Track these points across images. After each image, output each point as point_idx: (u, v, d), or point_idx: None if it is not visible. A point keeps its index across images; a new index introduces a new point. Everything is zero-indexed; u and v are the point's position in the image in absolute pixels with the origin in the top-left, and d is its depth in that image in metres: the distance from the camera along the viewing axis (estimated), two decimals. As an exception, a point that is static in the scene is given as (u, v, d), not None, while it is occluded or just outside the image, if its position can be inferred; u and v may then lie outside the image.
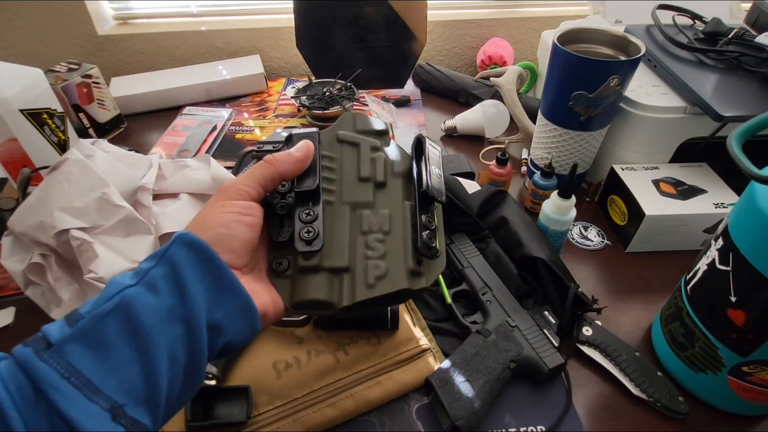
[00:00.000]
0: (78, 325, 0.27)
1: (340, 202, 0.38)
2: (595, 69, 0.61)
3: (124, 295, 0.28)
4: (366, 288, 0.36)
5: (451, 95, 1.02)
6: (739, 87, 0.67)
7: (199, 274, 0.30)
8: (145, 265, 0.30)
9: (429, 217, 0.39)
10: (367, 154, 0.40)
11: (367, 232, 0.38)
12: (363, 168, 0.40)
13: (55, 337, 0.27)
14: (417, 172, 0.41)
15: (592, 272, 0.66)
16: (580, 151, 0.70)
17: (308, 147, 0.37)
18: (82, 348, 0.26)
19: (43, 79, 0.75)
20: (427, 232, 0.38)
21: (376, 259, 0.37)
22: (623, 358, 0.52)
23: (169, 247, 0.30)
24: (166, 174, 0.64)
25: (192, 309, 0.29)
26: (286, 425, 0.47)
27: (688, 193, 0.66)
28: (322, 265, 0.36)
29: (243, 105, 1.02)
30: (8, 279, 0.62)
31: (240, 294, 0.32)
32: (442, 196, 0.39)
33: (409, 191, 0.40)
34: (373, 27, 0.96)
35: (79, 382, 0.26)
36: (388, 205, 0.39)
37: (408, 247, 0.38)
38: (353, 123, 0.42)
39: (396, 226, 0.38)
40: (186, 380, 0.30)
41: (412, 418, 0.50)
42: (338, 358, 0.51)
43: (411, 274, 0.37)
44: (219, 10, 1.11)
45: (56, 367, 0.26)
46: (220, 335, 0.31)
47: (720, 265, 0.44)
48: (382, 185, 0.40)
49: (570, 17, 1.04)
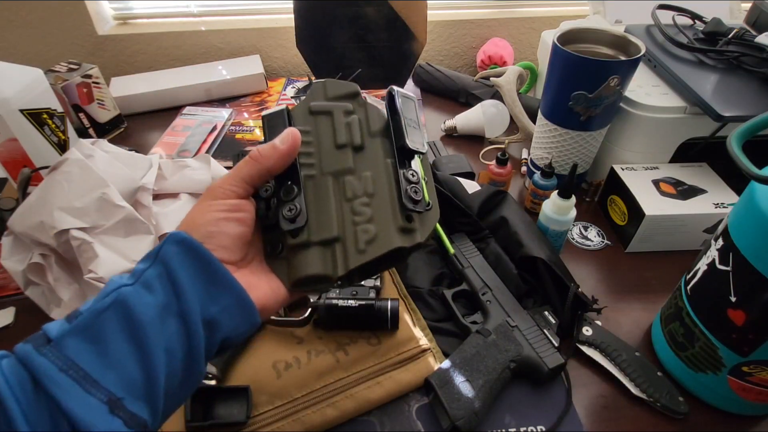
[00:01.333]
0: (76, 321, 0.28)
1: (321, 173, 0.38)
2: (595, 69, 0.61)
3: (120, 292, 0.29)
4: (358, 254, 0.35)
5: (451, 95, 1.02)
6: (739, 87, 0.67)
7: (191, 271, 0.30)
8: (141, 266, 0.31)
9: (412, 172, 0.38)
10: (341, 119, 0.39)
11: (352, 198, 0.37)
12: (339, 135, 0.39)
13: (54, 333, 0.27)
14: (393, 126, 0.39)
15: (592, 272, 0.66)
16: (580, 151, 0.70)
17: (294, 137, 0.35)
18: (81, 342, 0.27)
19: (43, 79, 0.75)
20: (411, 186, 0.37)
21: (365, 224, 0.36)
22: (623, 358, 0.52)
23: (161, 246, 0.31)
24: (166, 174, 0.64)
25: (186, 305, 0.30)
26: (286, 425, 0.47)
27: (688, 193, 0.66)
28: (311, 239, 0.36)
29: (243, 105, 1.02)
30: (8, 279, 0.62)
31: (234, 288, 0.32)
32: (422, 147, 0.38)
33: (389, 148, 0.39)
34: (373, 27, 0.96)
35: (77, 375, 0.26)
36: (370, 167, 0.38)
37: (395, 205, 0.37)
38: (324, 91, 0.40)
39: (380, 186, 0.37)
40: (184, 376, 0.30)
41: (412, 418, 0.50)
42: (338, 358, 0.51)
43: (402, 232, 0.36)
44: (219, 10, 1.11)
45: (55, 360, 0.26)
46: (218, 330, 0.31)
47: (720, 265, 0.44)
48: (360, 148, 0.39)
49: (570, 17, 1.04)
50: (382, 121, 0.40)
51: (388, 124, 0.40)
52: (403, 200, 0.36)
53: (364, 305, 0.53)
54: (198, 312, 0.30)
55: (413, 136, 0.39)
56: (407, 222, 0.37)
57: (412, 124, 0.39)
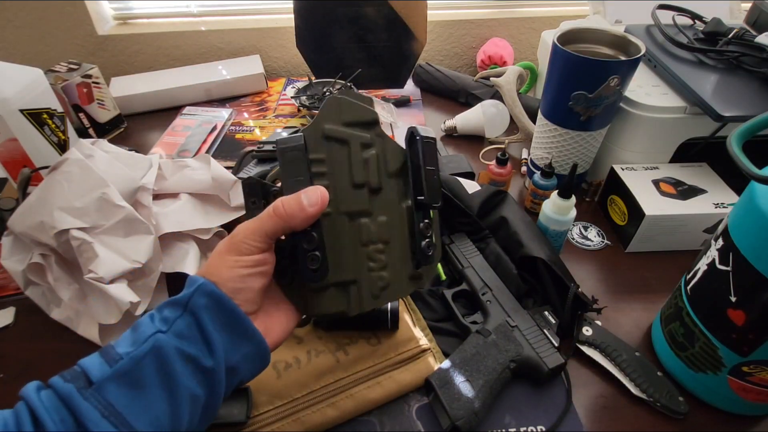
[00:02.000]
0: (117, 366, 0.30)
1: (337, 212, 0.38)
2: (595, 69, 0.61)
3: (157, 339, 0.31)
4: (372, 299, 0.39)
5: (451, 95, 1.02)
6: (739, 87, 0.67)
7: (219, 323, 0.33)
8: (170, 314, 0.32)
9: (426, 224, 0.39)
10: (358, 154, 0.38)
11: (368, 243, 0.38)
12: (356, 173, 0.38)
13: (95, 376, 0.29)
14: (413, 176, 0.39)
15: (592, 272, 0.66)
16: (580, 151, 0.70)
17: (323, 201, 0.35)
18: (120, 387, 0.29)
19: (43, 79, 0.75)
20: (425, 242, 0.39)
21: (379, 271, 0.39)
22: (623, 358, 0.52)
23: (190, 296, 0.32)
24: (166, 174, 0.64)
25: (214, 357, 0.32)
26: (286, 425, 0.47)
27: (688, 193, 0.66)
28: (329, 281, 0.38)
29: (243, 105, 1.02)
30: (8, 279, 0.62)
31: (255, 338, 0.34)
32: (438, 200, 0.39)
33: (405, 190, 0.40)
34: (373, 27, 0.96)
35: (117, 420, 0.29)
36: (385, 210, 0.39)
37: (407, 254, 0.39)
38: (339, 112, 0.38)
39: (395, 234, 0.39)
40: (203, 416, 0.33)
41: (412, 418, 0.50)
42: (338, 358, 0.51)
43: (411, 279, 0.40)
44: (219, 10, 1.11)
45: (97, 406, 0.29)
46: (237, 375, 0.34)
47: (720, 265, 0.44)
48: (377, 191, 0.39)
49: (570, 17, 1.04)
50: (400, 158, 0.40)
51: (406, 164, 0.40)
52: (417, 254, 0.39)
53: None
54: (223, 362, 0.32)
55: (432, 189, 0.39)
56: (416, 269, 0.40)
57: (431, 175, 0.39)
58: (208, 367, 0.32)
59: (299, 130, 0.38)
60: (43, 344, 0.57)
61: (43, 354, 0.56)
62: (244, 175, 0.75)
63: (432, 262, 0.40)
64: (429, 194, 0.38)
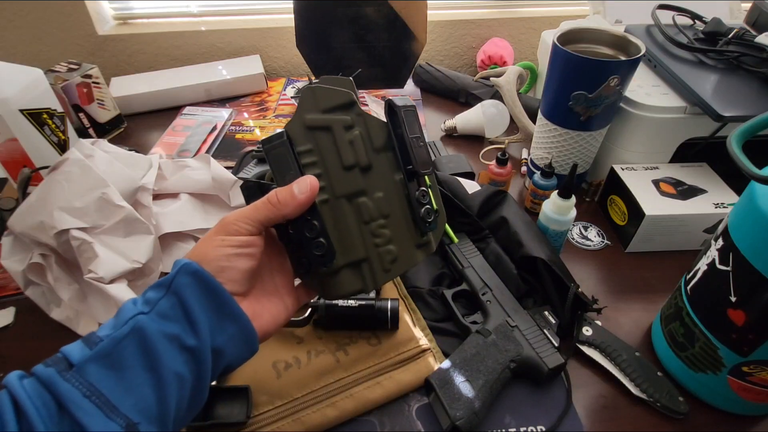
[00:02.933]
0: (97, 347, 0.29)
1: (334, 197, 0.39)
2: (595, 69, 0.61)
3: (137, 320, 0.30)
4: (384, 273, 0.40)
5: (451, 95, 1.02)
6: (739, 87, 0.67)
7: (203, 303, 0.32)
8: (153, 294, 0.32)
9: (422, 191, 0.40)
10: (342, 137, 0.39)
11: (369, 221, 0.39)
12: (345, 155, 0.39)
13: (75, 358, 0.29)
14: (399, 146, 0.40)
15: (592, 272, 0.66)
16: (580, 151, 0.70)
17: (312, 187, 0.36)
18: (102, 368, 0.29)
19: (43, 79, 0.75)
20: (425, 208, 0.40)
21: (386, 245, 0.40)
22: (623, 358, 0.52)
23: (173, 277, 0.32)
24: (166, 174, 0.64)
25: (198, 335, 0.31)
26: (286, 425, 0.47)
27: (688, 193, 0.66)
28: (340, 263, 0.39)
29: (243, 105, 1.02)
30: (8, 279, 0.62)
31: (241, 319, 0.34)
32: (428, 167, 0.40)
33: (394, 162, 0.40)
34: (373, 27, 0.96)
35: (99, 400, 0.28)
36: (380, 186, 0.40)
37: (410, 224, 0.40)
38: (315, 101, 0.39)
39: (393, 206, 0.40)
40: (191, 400, 0.32)
41: (412, 418, 0.50)
42: (338, 358, 0.51)
43: (419, 247, 0.41)
44: (219, 10, 1.11)
45: (78, 386, 0.28)
46: (223, 358, 0.33)
47: (720, 265, 0.44)
48: (367, 168, 0.39)
49: (570, 17, 1.04)
50: (384, 132, 0.40)
51: (391, 136, 0.40)
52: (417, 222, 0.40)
53: (364, 305, 0.53)
54: (208, 342, 0.32)
55: (420, 156, 0.39)
56: (422, 237, 0.41)
57: (417, 143, 0.40)
58: (193, 346, 0.31)
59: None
60: (43, 344, 0.57)
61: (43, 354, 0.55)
62: (244, 175, 0.75)
63: (434, 227, 0.41)
64: (418, 161, 0.39)
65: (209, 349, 0.32)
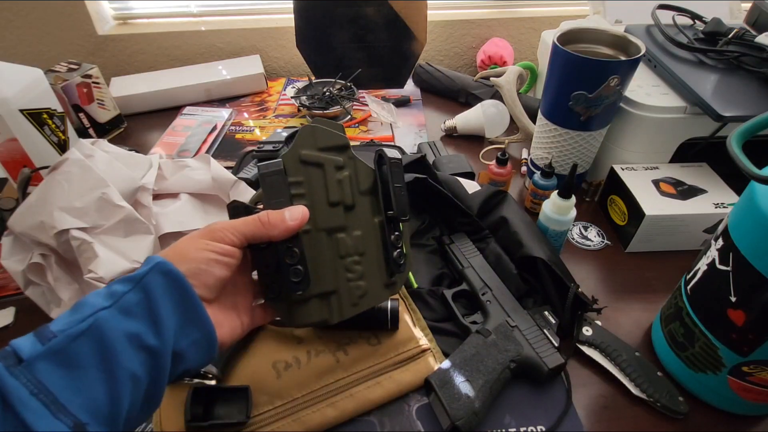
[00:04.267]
0: (50, 344, 0.28)
1: (316, 229, 0.42)
2: (595, 69, 0.61)
3: (97, 317, 0.29)
4: (351, 306, 0.43)
5: (451, 95, 1.02)
6: (739, 87, 0.67)
7: (171, 304, 0.32)
8: (120, 287, 0.31)
9: (397, 235, 0.45)
10: (333, 175, 0.42)
11: (345, 256, 0.43)
12: (332, 192, 0.42)
13: (26, 353, 0.27)
14: (383, 193, 0.44)
15: (592, 272, 0.66)
16: (580, 151, 0.70)
17: (303, 217, 0.38)
18: (52, 366, 0.28)
19: (43, 79, 0.75)
20: (397, 251, 0.44)
21: (357, 281, 0.43)
22: (623, 358, 0.52)
23: (146, 273, 0.31)
24: (166, 174, 0.64)
25: (161, 337, 0.31)
26: (285, 425, 0.47)
27: (688, 193, 0.66)
28: (312, 292, 0.41)
29: (243, 105, 1.02)
30: (8, 279, 0.62)
31: (206, 326, 0.34)
32: (406, 214, 0.44)
33: (376, 206, 0.45)
34: (373, 27, 0.96)
35: (47, 399, 0.27)
36: (359, 225, 0.44)
37: (381, 264, 0.45)
38: (314, 139, 0.42)
39: (369, 246, 0.44)
40: (145, 401, 0.31)
41: (412, 418, 0.50)
42: (338, 358, 0.51)
43: (386, 287, 0.45)
44: (219, 10, 1.11)
45: (26, 383, 0.27)
46: (182, 362, 0.33)
47: (720, 265, 0.44)
48: (351, 208, 0.43)
49: (570, 17, 1.04)
50: (370, 178, 0.44)
51: (376, 183, 0.44)
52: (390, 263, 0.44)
53: (364, 305, 0.53)
54: (170, 344, 0.31)
55: (400, 204, 0.44)
56: (390, 278, 0.45)
57: (400, 192, 0.44)
58: (153, 346, 0.30)
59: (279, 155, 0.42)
60: (43, 344, 0.57)
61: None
62: (244, 175, 0.75)
63: (403, 270, 0.45)
64: (398, 209, 0.43)
65: (170, 352, 0.31)
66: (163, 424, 0.46)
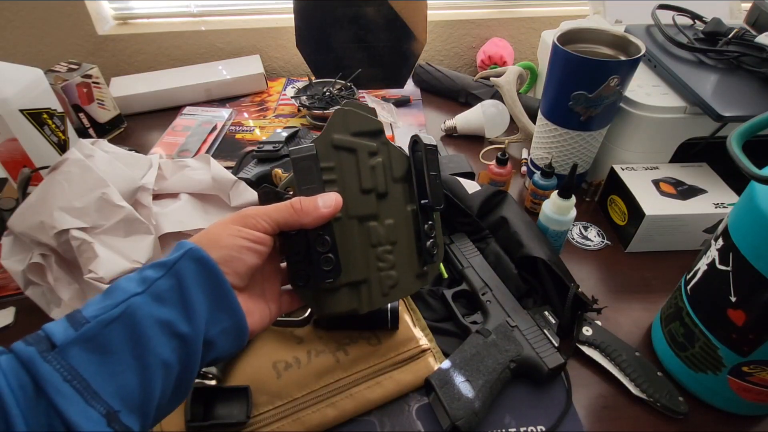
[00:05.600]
0: (83, 329, 0.28)
1: (347, 217, 0.40)
2: (595, 69, 0.61)
3: (130, 304, 0.29)
4: (382, 297, 0.42)
5: (451, 95, 1.02)
6: (739, 87, 0.67)
7: (203, 291, 0.31)
8: (152, 273, 0.31)
9: (430, 225, 0.42)
10: (365, 161, 0.41)
11: (377, 245, 0.41)
12: (364, 179, 0.41)
13: (59, 339, 0.27)
14: (417, 181, 0.42)
15: (592, 272, 0.66)
16: (580, 151, 0.70)
17: (336, 204, 0.37)
18: (85, 352, 0.27)
19: (43, 79, 0.75)
20: (430, 241, 0.42)
21: (388, 270, 0.42)
22: (623, 358, 0.52)
23: (178, 259, 0.31)
24: (166, 174, 0.64)
25: (192, 325, 0.30)
26: (286, 425, 0.47)
27: (688, 193, 0.66)
28: (342, 282, 0.40)
29: (243, 105, 1.02)
30: (8, 279, 0.62)
31: (237, 314, 0.33)
32: (441, 203, 0.42)
33: (409, 194, 0.43)
34: (373, 27, 0.96)
35: (80, 385, 0.27)
36: (392, 213, 0.42)
37: (413, 254, 0.43)
38: (346, 123, 0.41)
39: (401, 235, 0.42)
40: (176, 390, 0.31)
41: (412, 418, 0.50)
42: (338, 358, 0.51)
43: (417, 277, 0.43)
44: (219, 10, 1.11)
45: (59, 369, 0.26)
46: (213, 350, 0.32)
47: (720, 265, 0.44)
48: (383, 195, 0.41)
49: (570, 17, 1.04)
50: (404, 165, 0.42)
51: (410, 170, 0.42)
52: (423, 253, 0.42)
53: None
54: (202, 331, 0.31)
55: (435, 193, 0.41)
56: (422, 268, 0.43)
57: (434, 180, 0.42)
58: (185, 333, 0.30)
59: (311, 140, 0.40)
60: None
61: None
62: (244, 175, 0.75)
63: (436, 260, 0.43)
64: (433, 197, 0.41)
65: (201, 339, 0.31)
66: (163, 424, 0.46)
